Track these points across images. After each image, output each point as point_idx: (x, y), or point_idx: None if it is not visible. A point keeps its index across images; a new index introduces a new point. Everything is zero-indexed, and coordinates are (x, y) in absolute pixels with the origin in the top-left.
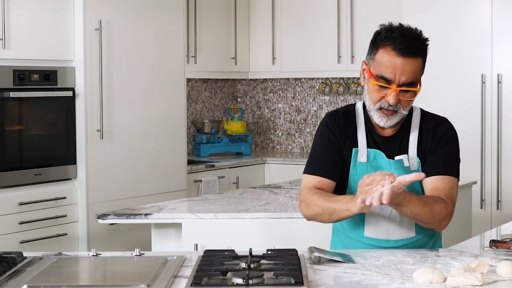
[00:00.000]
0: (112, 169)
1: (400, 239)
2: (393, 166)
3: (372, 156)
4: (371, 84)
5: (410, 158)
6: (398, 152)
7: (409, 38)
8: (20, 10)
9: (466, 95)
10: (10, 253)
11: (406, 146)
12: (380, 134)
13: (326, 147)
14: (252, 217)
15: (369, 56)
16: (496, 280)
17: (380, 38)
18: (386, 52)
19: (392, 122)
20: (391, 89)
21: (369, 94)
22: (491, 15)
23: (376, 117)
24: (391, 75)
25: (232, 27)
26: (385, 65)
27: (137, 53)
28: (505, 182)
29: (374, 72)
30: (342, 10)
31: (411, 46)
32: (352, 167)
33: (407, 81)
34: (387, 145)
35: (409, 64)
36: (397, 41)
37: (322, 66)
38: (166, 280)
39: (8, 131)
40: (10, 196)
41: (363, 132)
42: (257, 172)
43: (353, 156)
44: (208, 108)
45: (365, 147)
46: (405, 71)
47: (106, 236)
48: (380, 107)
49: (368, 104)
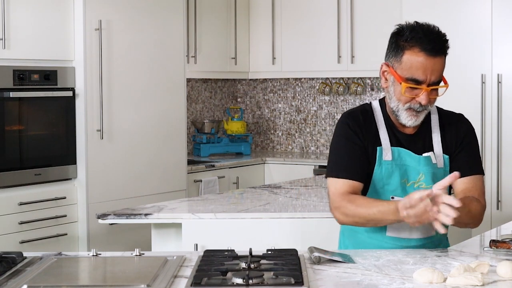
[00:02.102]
0: (112, 169)
1: (422, 238)
2: (422, 163)
3: (397, 154)
4: (403, 87)
5: (437, 156)
6: (423, 149)
7: (434, 37)
8: (20, 10)
9: (466, 95)
10: (10, 253)
11: (430, 143)
12: (402, 131)
13: (351, 148)
14: (252, 217)
15: (393, 58)
16: (496, 280)
17: (405, 39)
18: (414, 53)
19: (419, 120)
20: (423, 90)
21: (397, 96)
22: (491, 15)
23: (404, 116)
24: (422, 76)
25: (232, 27)
26: (416, 66)
27: (137, 53)
28: (505, 182)
29: (403, 75)
30: (342, 10)
31: (437, 45)
32: (378, 166)
33: (436, 80)
34: (411, 142)
35: (437, 63)
36: (424, 42)
37: (322, 66)
38: (166, 280)
39: (8, 131)
40: (10, 196)
41: (384, 131)
42: (257, 172)
43: (378, 155)
44: (208, 108)
45: (389, 145)
46: (434, 71)
47: (106, 236)
48: (409, 107)
49: (396, 104)
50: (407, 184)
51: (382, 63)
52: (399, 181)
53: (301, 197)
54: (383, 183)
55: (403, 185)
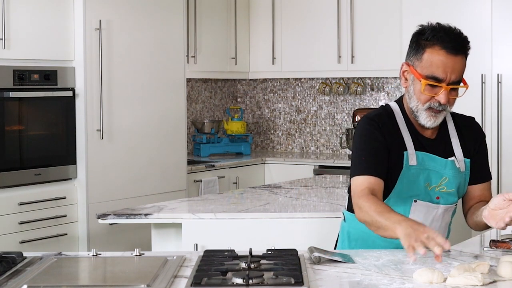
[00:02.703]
0: (112, 169)
1: None
2: (448, 166)
3: (421, 159)
4: (423, 84)
5: (459, 160)
6: (444, 153)
7: (455, 36)
8: (20, 10)
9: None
10: (10, 253)
11: (450, 147)
12: (424, 135)
13: (374, 146)
14: (252, 217)
15: (414, 57)
16: (496, 280)
17: (426, 38)
18: (435, 51)
19: (438, 121)
20: (442, 88)
21: (417, 95)
22: (491, 15)
23: (423, 117)
24: (442, 74)
25: (232, 27)
26: (436, 64)
27: (137, 53)
28: (505, 182)
29: (423, 73)
30: (342, 10)
31: (458, 44)
32: (405, 170)
33: (457, 79)
34: (434, 147)
35: (458, 62)
36: (445, 40)
37: (322, 66)
38: (166, 280)
39: (8, 131)
40: (10, 196)
41: (408, 134)
42: (257, 172)
43: (405, 160)
44: (208, 108)
45: (413, 149)
46: (455, 70)
47: (106, 236)
48: (429, 107)
49: (416, 104)
50: (429, 188)
51: (403, 63)
52: (423, 185)
53: (301, 197)
54: (409, 188)
55: (425, 189)
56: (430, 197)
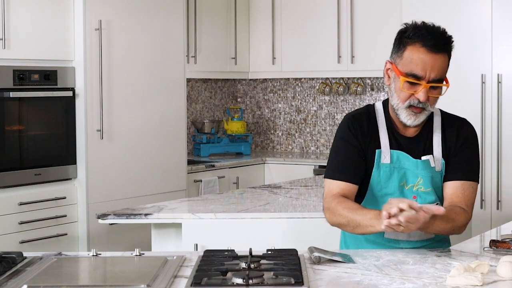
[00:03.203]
0: (112, 169)
1: (420, 240)
2: (420, 166)
3: (395, 157)
4: (402, 81)
5: (436, 159)
6: (422, 153)
7: (436, 34)
8: (20, 10)
9: (466, 95)
10: (10, 253)
11: (430, 146)
12: (403, 134)
13: (349, 150)
14: (252, 217)
15: (396, 55)
16: (496, 280)
17: (408, 36)
18: (416, 49)
19: (419, 120)
20: (422, 86)
21: (397, 93)
22: (491, 15)
23: (404, 115)
24: (421, 71)
25: (232, 27)
26: (415, 62)
27: (137, 53)
28: (505, 182)
29: (403, 70)
30: (342, 10)
31: (440, 42)
32: (375, 169)
33: (436, 78)
34: (411, 145)
35: (438, 60)
36: (426, 38)
37: (322, 66)
38: (166, 280)
39: (8, 131)
40: (10, 196)
41: (385, 133)
42: (257, 172)
43: (376, 158)
44: (208, 108)
45: (388, 148)
46: (434, 67)
47: (106, 236)
48: (409, 105)
49: (396, 102)
50: (406, 187)
51: (386, 61)
52: (398, 184)
53: (301, 197)
54: (381, 186)
55: (401, 188)
56: (406, 196)
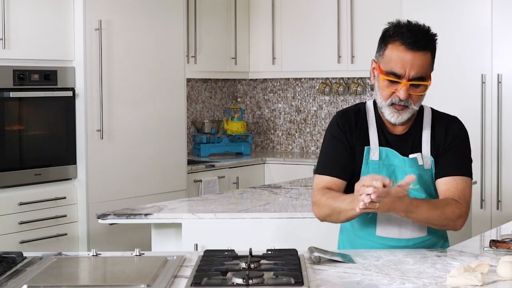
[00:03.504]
0: (112, 169)
1: (411, 238)
2: (407, 164)
3: (384, 154)
4: (381, 79)
5: (424, 157)
6: (410, 150)
7: (417, 32)
8: (20, 10)
9: (466, 95)
10: (10, 253)
11: (418, 144)
12: (392, 132)
13: (337, 147)
14: (252, 217)
15: (378, 54)
16: (496, 280)
17: (389, 35)
18: (395, 47)
19: (403, 118)
20: (402, 84)
21: (380, 91)
22: (491, 15)
23: (387, 113)
24: (401, 70)
25: (232, 27)
26: (395, 60)
27: (137, 53)
28: (505, 182)
29: (384, 68)
30: (342, 10)
31: (420, 40)
32: (364, 165)
33: (417, 76)
34: (399, 143)
35: (418, 58)
36: (405, 36)
37: (322, 66)
38: (166, 280)
39: (8, 131)
40: (10, 196)
41: (374, 131)
42: (257, 172)
43: (365, 154)
44: (208, 108)
45: (377, 145)
46: (414, 65)
47: (106, 236)
48: (391, 103)
49: (380, 101)
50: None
51: (372, 60)
52: None
53: (301, 197)
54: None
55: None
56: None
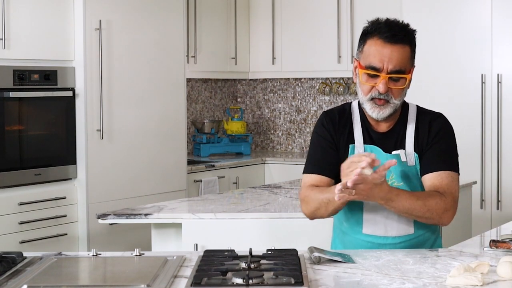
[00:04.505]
0: (112, 169)
1: (398, 236)
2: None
3: (369, 152)
4: (360, 73)
5: (407, 153)
6: (394, 147)
7: (395, 27)
8: (20, 10)
9: (466, 95)
10: (10, 253)
11: (402, 141)
12: (376, 130)
13: (322, 145)
14: (252, 217)
15: (358, 51)
16: (496, 280)
17: (367, 31)
18: (373, 41)
19: (384, 113)
20: (381, 77)
21: (360, 86)
22: (491, 15)
23: (368, 108)
24: (379, 63)
25: (232, 27)
26: (373, 54)
27: (137, 53)
28: (505, 182)
29: (363, 64)
30: (342, 10)
31: (397, 34)
32: None
33: (395, 69)
34: (383, 140)
35: (396, 51)
36: (382, 30)
37: (322, 66)
38: (166, 280)
39: (8, 131)
40: (10, 196)
41: (359, 129)
42: (257, 172)
43: (350, 152)
44: (208, 108)
45: (362, 143)
46: (392, 58)
47: (106, 236)
48: (371, 97)
49: (361, 96)
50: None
51: (354, 59)
52: None
53: None
54: None
55: None
56: None
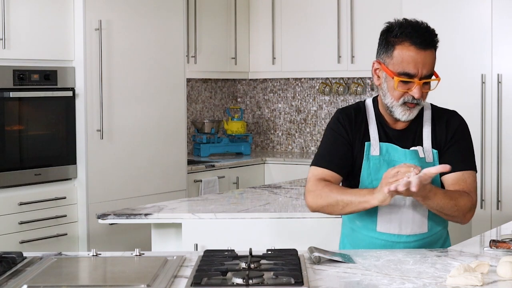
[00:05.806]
0: (112, 169)
1: (412, 234)
2: (408, 156)
3: (385, 150)
4: (396, 81)
5: (425, 150)
6: (411, 145)
7: (423, 31)
8: (20, 10)
9: (466, 95)
10: (10, 253)
11: (419, 138)
12: (392, 127)
13: (336, 141)
14: (252, 217)
15: (385, 55)
16: (496, 280)
17: (394, 35)
18: (405, 48)
19: (413, 114)
20: (415, 83)
21: (390, 92)
22: (491, 15)
23: (399, 112)
24: (414, 69)
25: (232, 27)
26: (407, 60)
27: (137, 53)
28: (505, 182)
29: (395, 70)
30: (342, 10)
31: (427, 39)
32: (365, 161)
33: (428, 73)
34: (400, 137)
35: (428, 57)
36: (413, 36)
37: (322, 66)
38: (166, 280)
39: (8, 131)
40: (10, 196)
41: (374, 127)
42: (257, 172)
43: (366, 150)
44: (208, 108)
45: (377, 140)
46: (426, 64)
47: (106, 236)
48: (403, 102)
49: (390, 101)
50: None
51: (374, 61)
52: None
53: (301, 197)
54: (371, 178)
55: None
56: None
